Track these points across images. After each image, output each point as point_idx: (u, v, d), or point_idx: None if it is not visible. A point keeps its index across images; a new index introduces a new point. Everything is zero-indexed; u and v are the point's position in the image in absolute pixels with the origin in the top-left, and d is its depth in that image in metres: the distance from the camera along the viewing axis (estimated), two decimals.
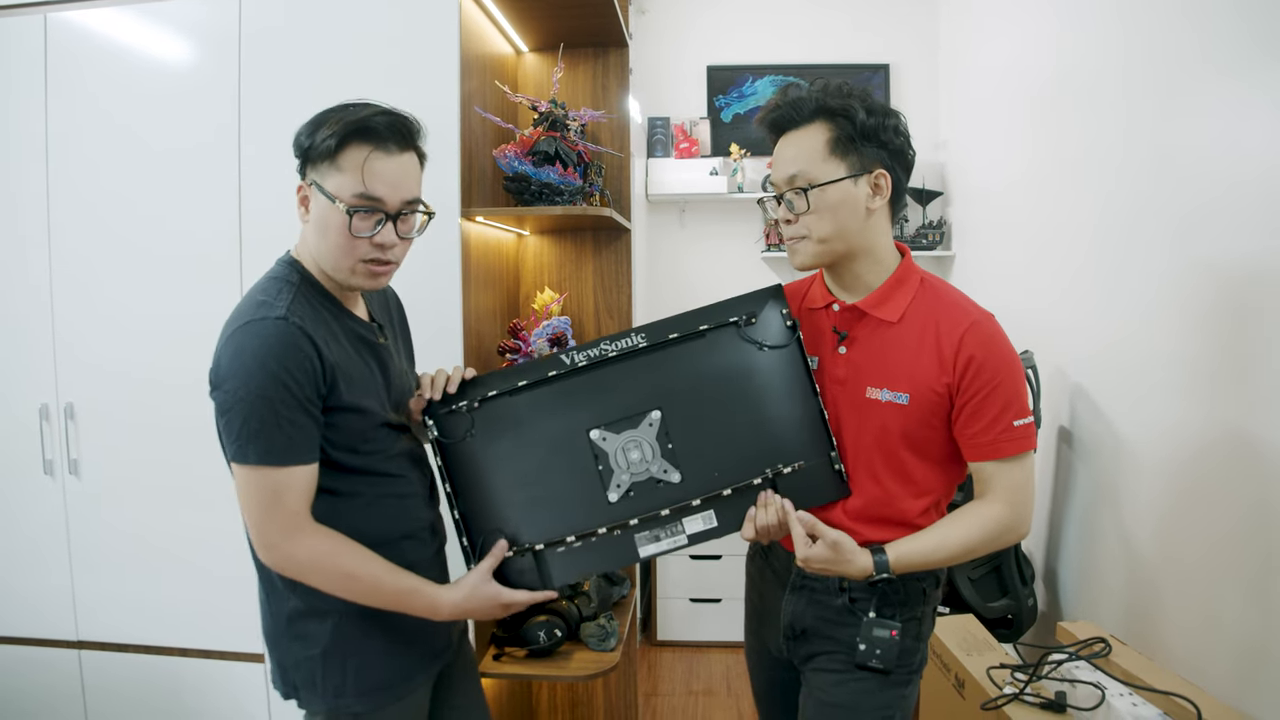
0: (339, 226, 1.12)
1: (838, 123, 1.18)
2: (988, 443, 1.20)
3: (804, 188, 1.19)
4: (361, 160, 1.10)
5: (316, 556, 1.12)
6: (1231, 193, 1.64)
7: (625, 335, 1.28)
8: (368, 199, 1.12)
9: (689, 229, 3.65)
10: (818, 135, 1.19)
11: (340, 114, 1.12)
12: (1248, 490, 1.58)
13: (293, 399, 1.08)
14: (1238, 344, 1.63)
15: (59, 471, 2.02)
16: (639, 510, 1.27)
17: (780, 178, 1.23)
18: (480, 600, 1.22)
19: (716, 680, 3.07)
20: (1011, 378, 1.20)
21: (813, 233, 1.21)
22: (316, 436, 1.12)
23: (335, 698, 1.19)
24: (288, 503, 1.10)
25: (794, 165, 1.21)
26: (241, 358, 1.08)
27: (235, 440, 1.09)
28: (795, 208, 1.21)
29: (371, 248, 1.14)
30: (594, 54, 2.25)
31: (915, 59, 3.53)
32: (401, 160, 1.15)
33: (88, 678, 2.07)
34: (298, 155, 1.16)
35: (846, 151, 1.19)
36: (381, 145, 1.12)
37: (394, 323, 1.37)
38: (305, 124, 1.15)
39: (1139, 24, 1.98)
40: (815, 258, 1.24)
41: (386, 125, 1.12)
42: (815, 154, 1.19)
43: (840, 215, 1.20)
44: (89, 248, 1.98)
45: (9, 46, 1.97)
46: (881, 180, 1.20)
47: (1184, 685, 1.62)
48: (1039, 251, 2.54)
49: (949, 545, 1.20)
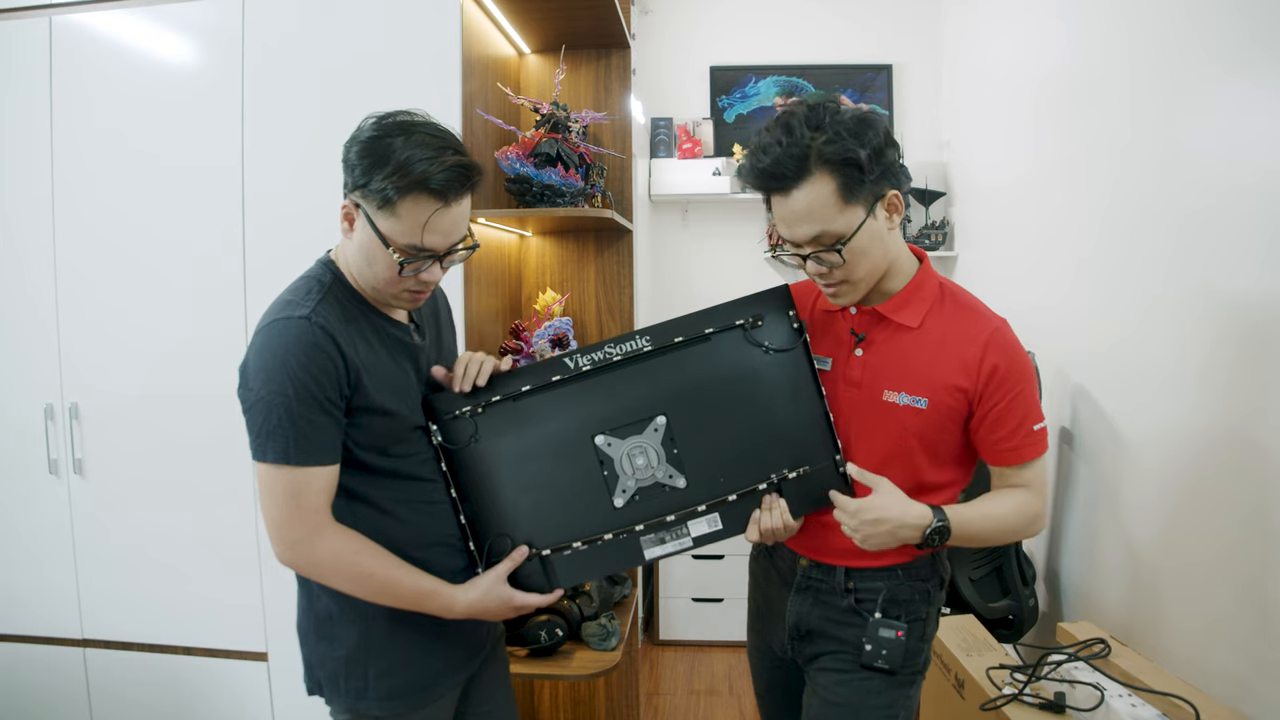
0: (387, 264, 1.11)
1: (841, 171, 1.11)
2: (1011, 449, 1.22)
3: (835, 246, 1.14)
4: (423, 217, 1.08)
5: (337, 555, 1.12)
6: (1235, 193, 1.64)
7: (629, 338, 1.27)
8: (422, 250, 1.11)
9: (692, 229, 3.65)
10: (823, 188, 1.12)
11: (404, 154, 1.06)
12: (1249, 492, 1.58)
13: (312, 399, 1.08)
14: (1241, 345, 1.62)
15: (64, 471, 2.04)
16: (644, 515, 1.27)
17: (800, 238, 1.16)
18: (493, 600, 1.22)
19: (718, 679, 3.08)
20: (1030, 384, 1.22)
21: (852, 277, 1.19)
22: (337, 437, 1.13)
23: (356, 700, 1.20)
24: (307, 501, 1.10)
25: (813, 226, 1.14)
26: (264, 356, 1.08)
27: (255, 438, 1.09)
28: (828, 263, 1.17)
29: (416, 282, 1.15)
30: (596, 55, 2.26)
31: (918, 59, 3.53)
32: (460, 209, 1.13)
33: (92, 676, 2.09)
34: (345, 170, 1.12)
35: (856, 194, 1.12)
36: (443, 200, 1.09)
37: (438, 321, 1.37)
38: (359, 145, 1.09)
39: (1142, 23, 1.98)
40: (861, 293, 1.22)
41: (453, 182, 1.08)
42: (830, 209, 1.12)
43: (872, 253, 1.18)
44: (93, 248, 1.99)
45: (13, 49, 1.99)
46: (895, 200, 1.18)
47: (1183, 687, 1.62)
48: (1042, 252, 2.54)
49: (994, 519, 1.23)
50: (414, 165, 1.06)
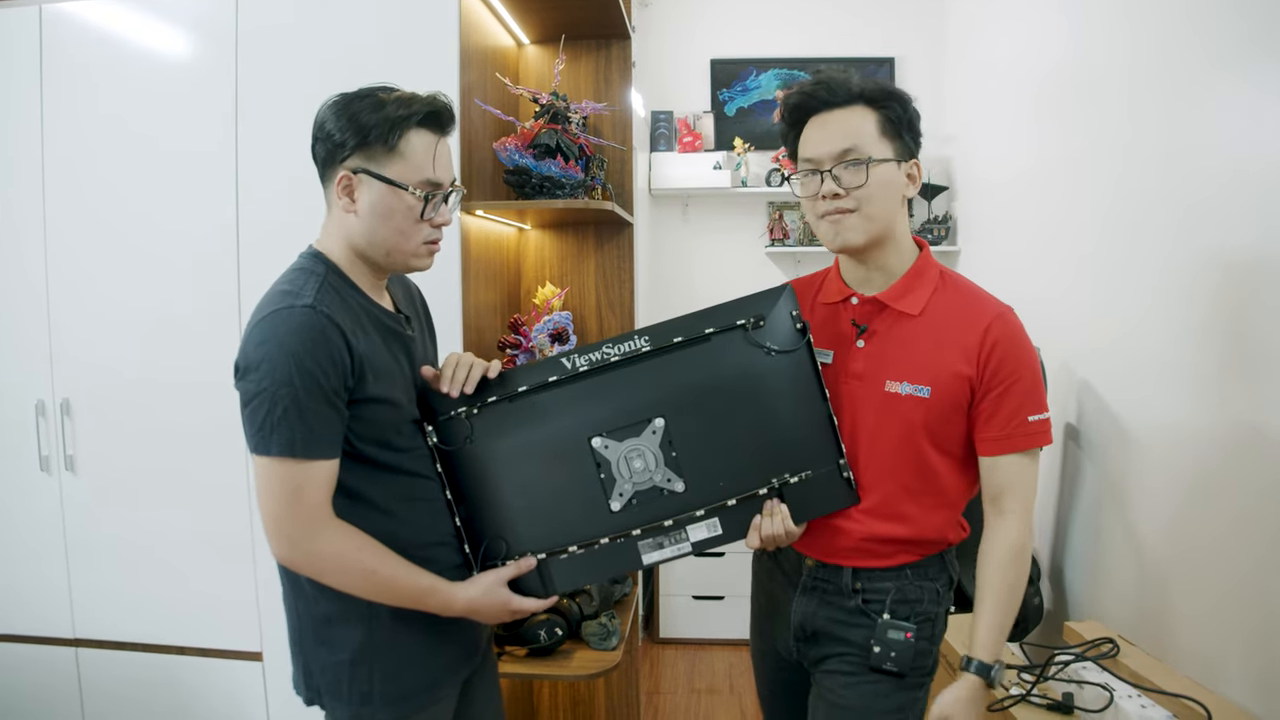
0: (406, 211, 1.13)
1: (887, 108, 1.20)
2: (1003, 436, 1.19)
3: (863, 160, 1.17)
4: (430, 148, 1.14)
5: (339, 552, 1.09)
6: (1237, 184, 1.62)
7: (628, 338, 1.24)
8: (436, 184, 1.15)
9: (692, 224, 3.63)
10: (865, 117, 1.19)
11: (384, 108, 1.11)
12: (1258, 487, 1.56)
13: (319, 389, 1.05)
14: (1245, 338, 1.60)
15: (55, 468, 2.01)
16: (642, 519, 1.24)
17: (828, 152, 1.19)
18: (491, 601, 1.20)
19: (719, 678, 3.06)
20: (1032, 372, 1.20)
21: (863, 207, 1.19)
22: (340, 430, 1.10)
23: (361, 705, 1.16)
24: (308, 497, 1.07)
25: (848, 140, 1.18)
26: (267, 346, 1.04)
27: (258, 431, 1.05)
28: (848, 182, 1.18)
29: (432, 229, 1.17)
30: (596, 46, 2.23)
31: (921, 53, 3.50)
32: (449, 144, 1.19)
33: (85, 676, 2.06)
34: (329, 149, 1.13)
35: (895, 136, 1.20)
36: (439, 131, 1.16)
37: (419, 314, 1.35)
38: (334, 116, 1.12)
39: (1145, 18, 1.96)
40: (866, 236, 1.20)
41: (440, 110, 1.15)
42: (869, 133, 1.19)
43: (889, 196, 1.20)
44: (85, 242, 1.96)
45: (3, 39, 1.95)
46: (915, 170, 1.23)
47: (1194, 687, 1.60)
48: (1045, 246, 2.52)
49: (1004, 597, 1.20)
50: (400, 109, 1.11)
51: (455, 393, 1.21)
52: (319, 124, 1.14)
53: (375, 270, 1.19)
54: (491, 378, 1.24)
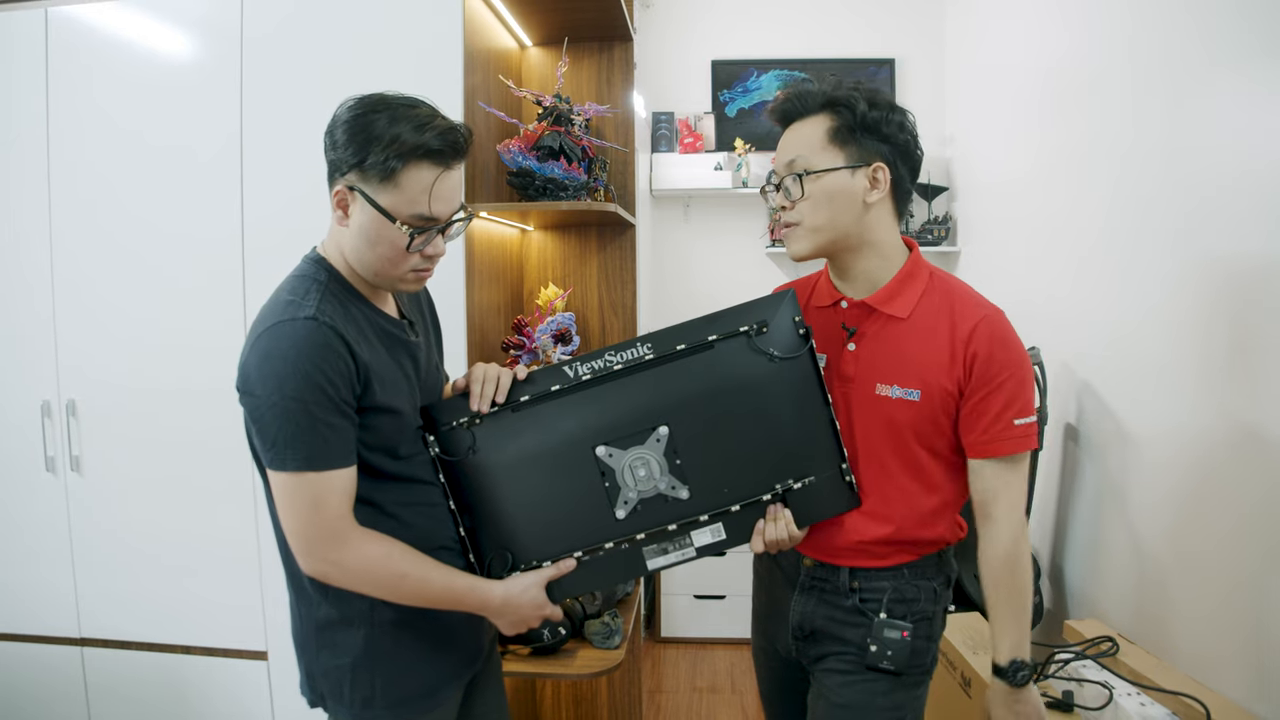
0: (393, 242, 1.08)
1: (839, 113, 1.20)
2: (986, 440, 1.19)
3: (800, 173, 1.20)
4: (427, 183, 1.07)
5: (369, 560, 1.08)
6: (1238, 186, 1.63)
7: (631, 345, 1.23)
8: (428, 219, 1.09)
9: (693, 224, 3.63)
10: (819, 125, 1.20)
11: (395, 128, 1.05)
12: (1257, 487, 1.57)
13: (328, 401, 1.03)
14: (1246, 339, 1.61)
15: (61, 468, 2.02)
16: (646, 526, 1.24)
17: (780, 164, 1.24)
18: (527, 600, 1.20)
19: (721, 677, 3.06)
20: (1017, 375, 1.19)
21: (805, 220, 1.22)
22: (353, 438, 1.09)
23: (363, 709, 1.16)
24: (330, 508, 1.06)
25: (793, 151, 1.22)
26: (271, 361, 1.03)
27: (271, 447, 1.04)
28: (791, 194, 1.22)
29: (422, 259, 1.12)
30: (598, 48, 2.24)
31: (921, 54, 3.51)
32: (458, 174, 1.12)
33: (90, 675, 2.07)
34: (332, 159, 1.09)
35: (845, 142, 1.19)
36: (444, 165, 1.08)
37: (425, 318, 1.34)
38: (344, 126, 1.07)
39: (1145, 18, 1.96)
40: (809, 247, 1.23)
41: (450, 145, 1.07)
42: (815, 142, 1.20)
43: (836, 205, 1.20)
44: (90, 244, 1.97)
45: (10, 41, 1.96)
46: (879, 174, 1.20)
47: (1193, 685, 1.61)
48: (1045, 247, 2.53)
49: (1006, 603, 1.21)
50: (410, 134, 1.04)
51: (486, 407, 1.21)
52: (331, 128, 1.10)
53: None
54: (519, 379, 1.23)
